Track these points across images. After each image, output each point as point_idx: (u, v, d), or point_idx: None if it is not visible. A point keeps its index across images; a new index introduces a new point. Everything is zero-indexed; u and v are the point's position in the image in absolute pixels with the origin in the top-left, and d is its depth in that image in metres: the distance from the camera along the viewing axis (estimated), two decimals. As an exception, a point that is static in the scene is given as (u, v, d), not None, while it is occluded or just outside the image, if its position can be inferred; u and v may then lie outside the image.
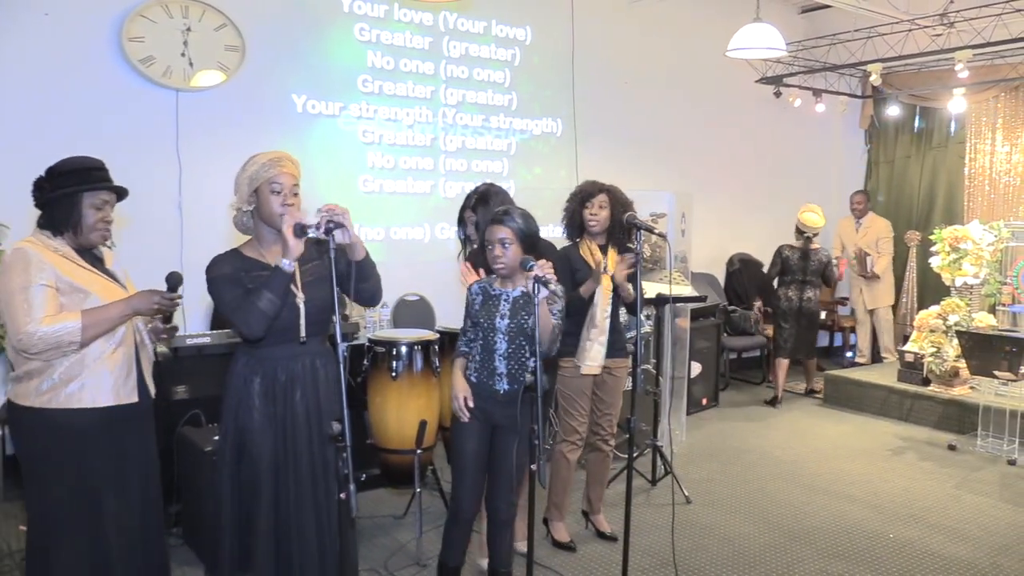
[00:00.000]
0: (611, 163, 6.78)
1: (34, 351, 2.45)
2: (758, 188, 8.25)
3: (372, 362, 4.09)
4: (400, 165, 6.01)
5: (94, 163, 2.68)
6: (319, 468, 2.68)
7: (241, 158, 2.78)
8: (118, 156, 5.09)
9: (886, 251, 7.71)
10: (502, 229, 2.97)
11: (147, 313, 2.66)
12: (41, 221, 2.63)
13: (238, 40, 5.23)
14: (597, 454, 4.04)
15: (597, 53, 6.92)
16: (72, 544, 2.61)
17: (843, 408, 6.68)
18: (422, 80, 6.07)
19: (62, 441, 2.56)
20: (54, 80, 4.74)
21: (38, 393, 2.53)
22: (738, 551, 4.00)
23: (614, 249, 3.79)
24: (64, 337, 2.45)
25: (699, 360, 6.44)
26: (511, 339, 3.02)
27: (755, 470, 5.20)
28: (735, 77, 7.66)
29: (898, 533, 4.23)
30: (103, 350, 2.57)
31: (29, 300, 2.44)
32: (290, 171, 2.66)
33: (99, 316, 2.52)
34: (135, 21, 4.88)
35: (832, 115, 8.47)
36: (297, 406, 2.66)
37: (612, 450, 4.09)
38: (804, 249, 6.68)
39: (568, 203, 3.88)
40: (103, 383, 2.58)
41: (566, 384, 3.81)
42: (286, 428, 2.65)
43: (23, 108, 4.66)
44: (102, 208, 2.63)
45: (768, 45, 5.60)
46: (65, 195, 2.58)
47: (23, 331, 2.42)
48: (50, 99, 4.73)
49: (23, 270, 2.47)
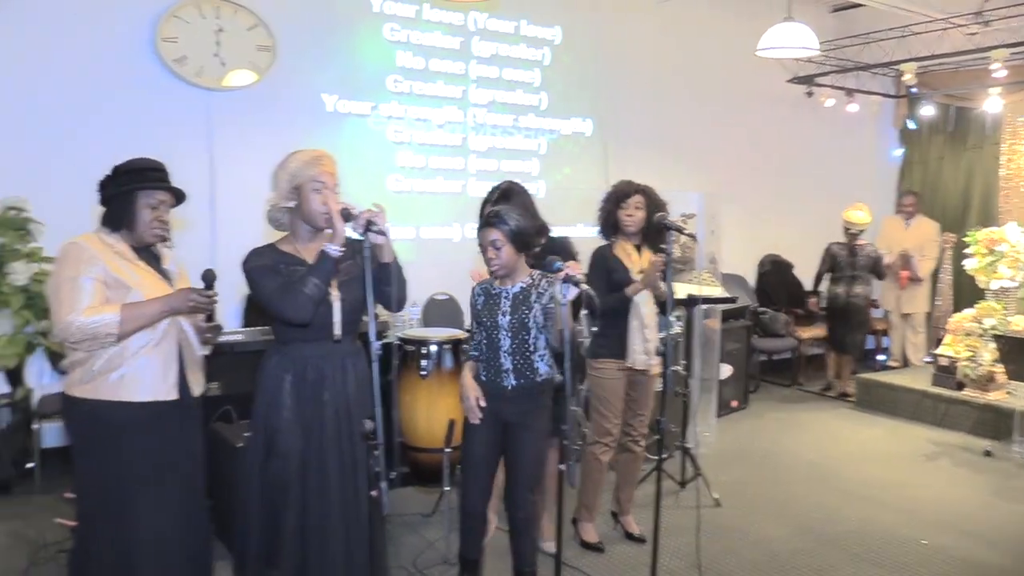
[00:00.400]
0: (641, 163, 6.72)
1: (72, 340, 2.51)
2: (789, 188, 8.17)
3: (402, 361, 4.11)
4: (430, 165, 6.03)
5: (153, 164, 2.74)
6: (348, 467, 2.69)
7: (272, 157, 2.81)
8: (152, 154, 5.16)
9: (931, 255, 7.47)
10: (492, 232, 3.01)
11: (184, 311, 2.69)
12: (103, 218, 2.70)
13: (269, 40, 5.27)
14: (628, 455, 4.02)
15: (628, 52, 6.89)
16: (103, 538, 2.65)
17: (875, 412, 6.59)
18: (452, 80, 6.08)
19: (101, 433, 2.61)
20: (91, 80, 4.82)
21: (82, 382, 2.59)
22: (767, 555, 3.96)
23: (648, 250, 3.78)
24: (101, 329, 2.49)
25: (729, 362, 6.38)
26: (514, 335, 3.07)
27: (785, 473, 5.15)
28: (766, 77, 7.59)
29: (932, 539, 4.17)
30: (143, 343, 2.61)
31: (75, 291, 2.51)
32: (331, 170, 2.69)
33: (137, 311, 2.57)
34: (169, 22, 4.94)
35: (865, 115, 8.36)
36: (326, 405, 2.67)
37: (643, 451, 4.08)
38: (851, 245, 6.89)
39: (603, 203, 3.87)
40: (143, 377, 2.61)
41: (599, 385, 3.80)
42: (314, 427, 2.67)
43: (61, 108, 4.74)
44: (157, 208, 2.69)
45: (800, 44, 5.54)
46: (122, 193, 2.65)
47: (64, 320, 2.49)
48: (87, 98, 4.81)
49: (74, 262, 2.54)
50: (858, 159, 8.71)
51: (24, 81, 4.65)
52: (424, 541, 3.97)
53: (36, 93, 4.69)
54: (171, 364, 2.69)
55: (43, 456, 4.59)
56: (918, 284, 7.50)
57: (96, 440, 2.62)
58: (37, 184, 4.57)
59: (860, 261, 6.87)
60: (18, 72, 4.63)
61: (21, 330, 4.27)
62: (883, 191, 8.89)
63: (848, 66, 7.62)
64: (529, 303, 3.06)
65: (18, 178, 4.55)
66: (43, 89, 4.70)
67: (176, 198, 2.78)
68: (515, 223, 3.01)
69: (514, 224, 3.00)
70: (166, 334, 2.67)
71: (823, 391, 7.20)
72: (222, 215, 5.16)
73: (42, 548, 3.77)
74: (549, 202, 6.56)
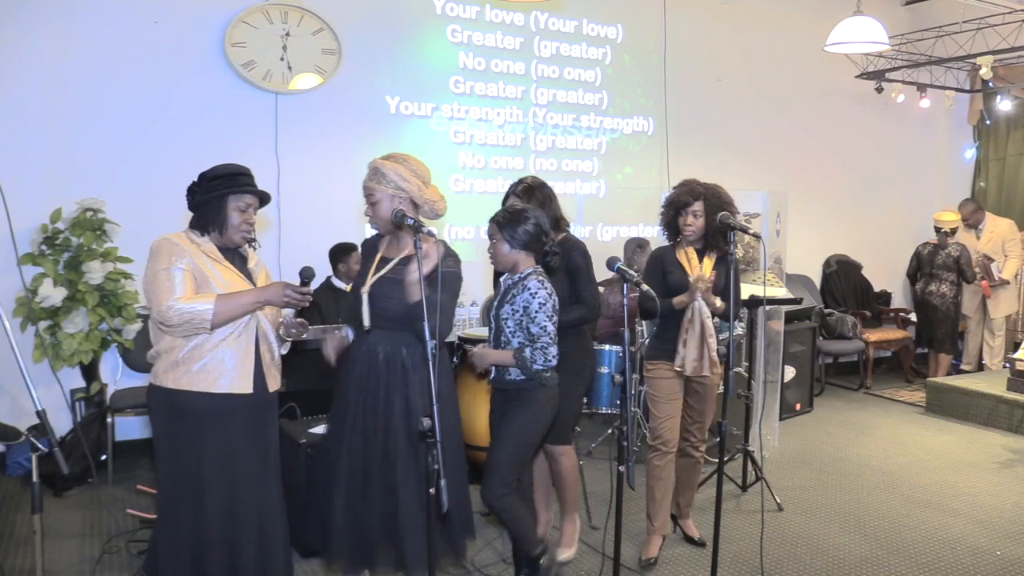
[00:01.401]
0: (703, 162, 6.67)
1: (171, 323, 2.62)
2: (857, 187, 7.97)
3: (461, 360, 4.13)
4: (491, 165, 6.06)
5: (240, 169, 2.84)
6: (375, 458, 2.90)
7: (337, 158, 2.91)
8: (221, 157, 5.27)
9: (1015, 253, 7.26)
10: (491, 226, 3.19)
11: (278, 304, 2.79)
12: (192, 222, 2.82)
13: (334, 43, 5.36)
14: (687, 460, 3.96)
15: (689, 50, 6.82)
16: (181, 526, 2.74)
17: (947, 417, 6.38)
18: (513, 80, 6.10)
19: (182, 422, 2.71)
20: (161, 84, 4.97)
21: (165, 372, 2.71)
22: (832, 563, 3.87)
23: (710, 256, 3.71)
24: (197, 315, 2.61)
25: (793, 364, 6.26)
26: (496, 327, 3.19)
27: (851, 479, 5.03)
28: (833, 72, 7.41)
29: (1007, 551, 4.02)
30: (224, 335, 2.72)
31: (171, 279, 2.65)
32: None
33: (232, 301, 2.68)
34: (237, 27, 5.06)
35: (937, 111, 8.11)
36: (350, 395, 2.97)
37: (703, 455, 4.01)
38: (936, 244, 7.18)
39: (664, 208, 3.81)
40: (221, 368, 2.71)
41: (652, 386, 3.76)
42: (336, 417, 3.00)
43: (132, 112, 4.90)
44: (245, 211, 2.80)
45: (870, 39, 5.41)
46: (213, 197, 2.76)
47: (165, 303, 2.61)
48: (157, 103, 4.97)
49: (167, 255, 2.68)
50: (930, 157, 8.45)
51: (97, 86, 4.82)
52: (482, 539, 3.98)
53: (108, 97, 4.85)
54: (248, 358, 2.77)
55: (116, 449, 4.75)
56: (1004, 287, 7.25)
57: (177, 428, 2.73)
58: (111, 186, 4.75)
59: (939, 260, 7.11)
60: (91, 77, 4.80)
61: (96, 327, 4.43)
62: (956, 189, 8.60)
63: (920, 60, 7.39)
64: (509, 298, 3.13)
65: (93, 180, 4.74)
66: (114, 93, 4.86)
67: (261, 201, 2.88)
68: (507, 221, 3.12)
69: (504, 221, 3.13)
70: (247, 328, 2.77)
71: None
72: (287, 215, 5.27)
73: (115, 537, 3.92)
74: (608, 202, 6.60)
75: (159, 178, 4.88)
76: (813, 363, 6.69)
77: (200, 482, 2.71)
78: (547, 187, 3.70)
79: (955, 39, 7.00)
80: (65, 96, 4.75)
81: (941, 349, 7.22)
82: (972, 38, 6.85)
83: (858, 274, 7.92)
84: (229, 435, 2.75)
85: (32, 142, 4.69)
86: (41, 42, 4.67)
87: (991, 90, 7.93)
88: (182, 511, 2.74)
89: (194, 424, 2.71)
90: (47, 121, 4.71)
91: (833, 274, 7.86)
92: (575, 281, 3.56)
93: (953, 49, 7.07)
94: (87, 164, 4.80)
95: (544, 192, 3.66)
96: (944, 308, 7.08)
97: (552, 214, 3.54)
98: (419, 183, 2.92)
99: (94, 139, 4.82)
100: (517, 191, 3.68)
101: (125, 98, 4.89)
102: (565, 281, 3.53)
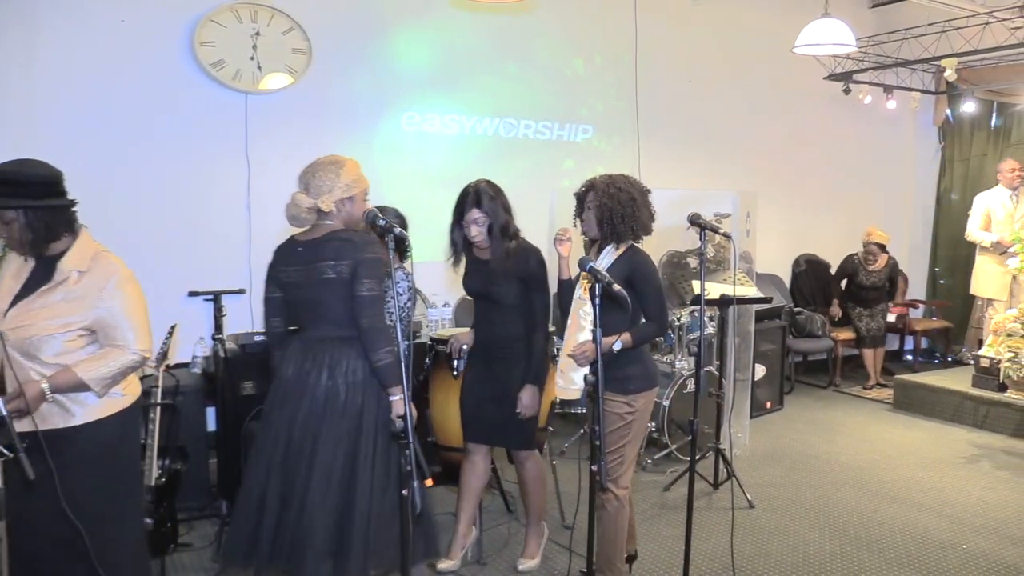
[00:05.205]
0: (675, 162, 6.72)
1: None
2: (826, 187, 8.07)
3: (434, 361, 4.13)
4: (460, 165, 6.03)
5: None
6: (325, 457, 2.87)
7: (307, 158, 2.87)
8: (190, 157, 5.26)
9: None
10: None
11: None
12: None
13: (304, 43, 5.32)
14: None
15: (661, 52, 6.84)
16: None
17: (913, 414, 6.48)
18: (484, 81, 6.10)
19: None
20: (130, 84, 4.89)
21: None
22: (803, 558, 3.92)
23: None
24: None
25: (763, 362, 6.32)
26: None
27: (821, 475, 5.09)
28: (802, 74, 7.49)
29: (972, 544, 4.09)
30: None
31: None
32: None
33: None
34: (206, 26, 5.01)
35: (903, 112, 8.23)
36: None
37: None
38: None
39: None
40: None
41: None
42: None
43: (98, 111, 4.82)
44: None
45: (837, 41, 5.47)
46: None
47: None
48: (125, 102, 4.89)
49: None
50: (896, 157, 8.57)
51: (61, 84, 4.73)
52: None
53: (73, 96, 4.75)
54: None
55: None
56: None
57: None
58: (76, 185, 4.59)
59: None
60: (55, 76, 4.71)
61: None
62: (922, 190, 8.75)
63: (887, 62, 7.49)
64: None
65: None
66: (80, 92, 4.77)
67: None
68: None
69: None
70: None
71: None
72: (257, 216, 5.22)
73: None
74: (571, 202, 6.57)
75: (126, 178, 4.82)
76: (783, 361, 6.76)
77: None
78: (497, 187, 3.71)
79: (920, 41, 7.10)
80: (31, 94, 4.65)
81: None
82: (937, 40, 6.96)
83: (827, 273, 8.01)
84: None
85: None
86: (5, 40, 4.59)
87: (956, 92, 8.06)
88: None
89: None
90: (9, 119, 4.62)
91: (802, 273, 7.95)
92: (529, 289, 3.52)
93: (919, 51, 7.18)
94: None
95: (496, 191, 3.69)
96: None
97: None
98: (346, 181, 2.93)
99: (57, 138, 4.72)
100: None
101: (91, 97, 4.81)
102: (519, 287, 3.49)
